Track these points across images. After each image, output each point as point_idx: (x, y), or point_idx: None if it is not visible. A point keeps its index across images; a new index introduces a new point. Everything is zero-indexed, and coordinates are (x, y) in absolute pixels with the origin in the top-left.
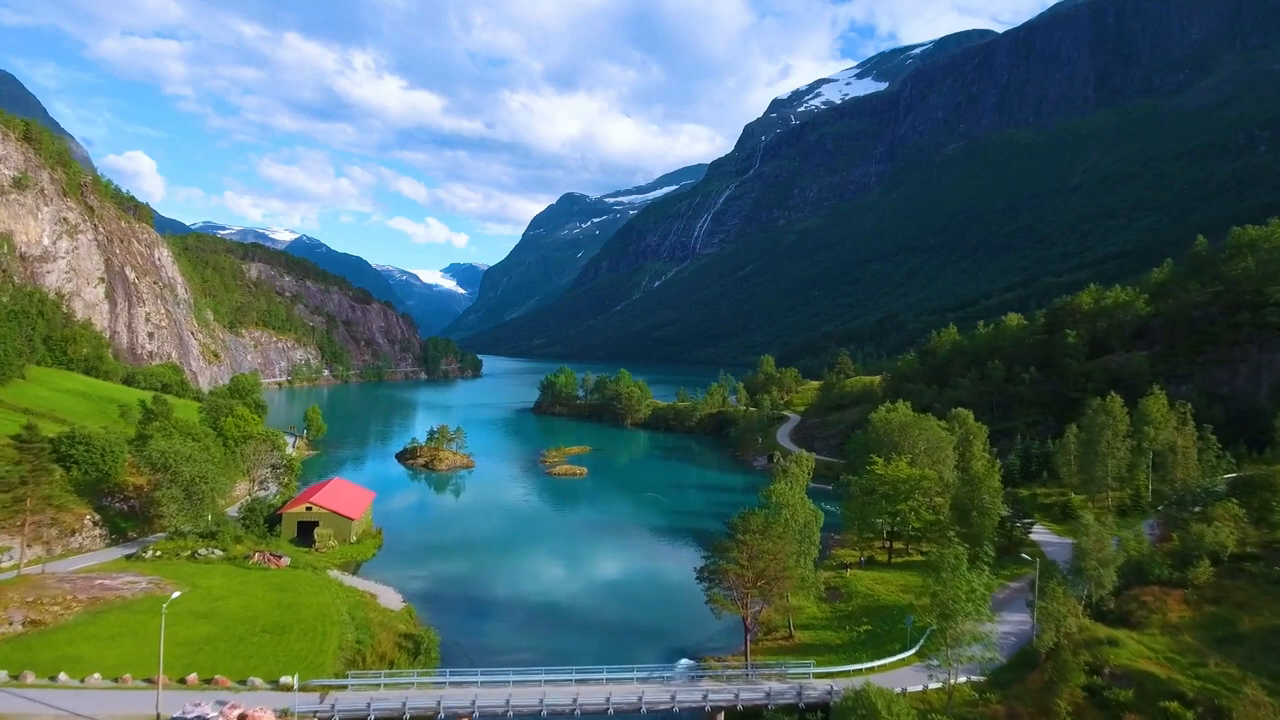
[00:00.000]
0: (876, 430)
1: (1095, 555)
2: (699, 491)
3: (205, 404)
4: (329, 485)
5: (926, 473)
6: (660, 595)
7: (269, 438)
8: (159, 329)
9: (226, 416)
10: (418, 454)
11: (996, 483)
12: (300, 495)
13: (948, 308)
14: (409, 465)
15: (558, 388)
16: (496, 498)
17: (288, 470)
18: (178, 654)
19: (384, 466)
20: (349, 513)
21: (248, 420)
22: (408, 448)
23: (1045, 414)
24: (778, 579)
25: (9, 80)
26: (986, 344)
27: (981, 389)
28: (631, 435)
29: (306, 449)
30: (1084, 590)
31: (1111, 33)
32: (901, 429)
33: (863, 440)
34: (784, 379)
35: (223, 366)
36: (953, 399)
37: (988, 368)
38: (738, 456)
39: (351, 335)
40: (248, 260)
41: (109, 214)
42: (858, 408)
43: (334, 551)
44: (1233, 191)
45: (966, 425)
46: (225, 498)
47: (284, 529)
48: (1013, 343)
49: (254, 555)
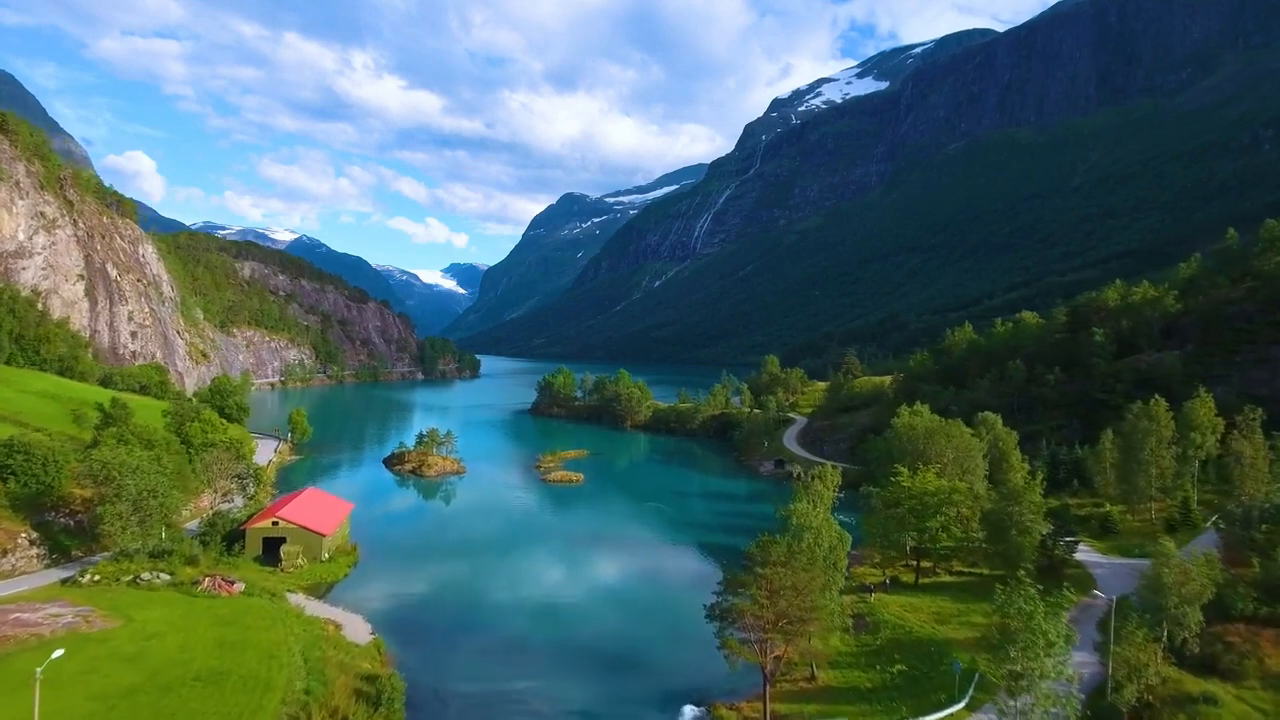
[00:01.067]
0: (899, 436)
1: (1179, 590)
2: (703, 500)
3: (171, 408)
4: (300, 496)
5: (957, 485)
6: (663, 624)
7: (232, 445)
8: (142, 328)
9: (193, 421)
10: (405, 459)
11: (1038, 497)
12: (269, 508)
13: (950, 307)
14: (396, 471)
15: (556, 389)
16: (486, 507)
17: (255, 480)
18: (88, 713)
19: (369, 473)
20: (320, 528)
21: (215, 426)
22: (395, 453)
23: (1070, 417)
24: (803, 619)
25: (8, 80)
26: (1005, 343)
27: (1001, 390)
28: (631, 438)
29: (290, 453)
30: (1161, 630)
31: (1113, 32)
32: (927, 436)
33: (884, 447)
34: (789, 380)
35: (212, 367)
36: (971, 401)
37: (1008, 368)
38: (742, 461)
39: (347, 335)
40: (241, 259)
41: (90, 209)
42: (868, 410)
43: (301, 572)
44: (1235, 191)
45: (995, 431)
46: (182, 512)
47: (247, 546)
48: (1033, 342)
49: (202, 581)
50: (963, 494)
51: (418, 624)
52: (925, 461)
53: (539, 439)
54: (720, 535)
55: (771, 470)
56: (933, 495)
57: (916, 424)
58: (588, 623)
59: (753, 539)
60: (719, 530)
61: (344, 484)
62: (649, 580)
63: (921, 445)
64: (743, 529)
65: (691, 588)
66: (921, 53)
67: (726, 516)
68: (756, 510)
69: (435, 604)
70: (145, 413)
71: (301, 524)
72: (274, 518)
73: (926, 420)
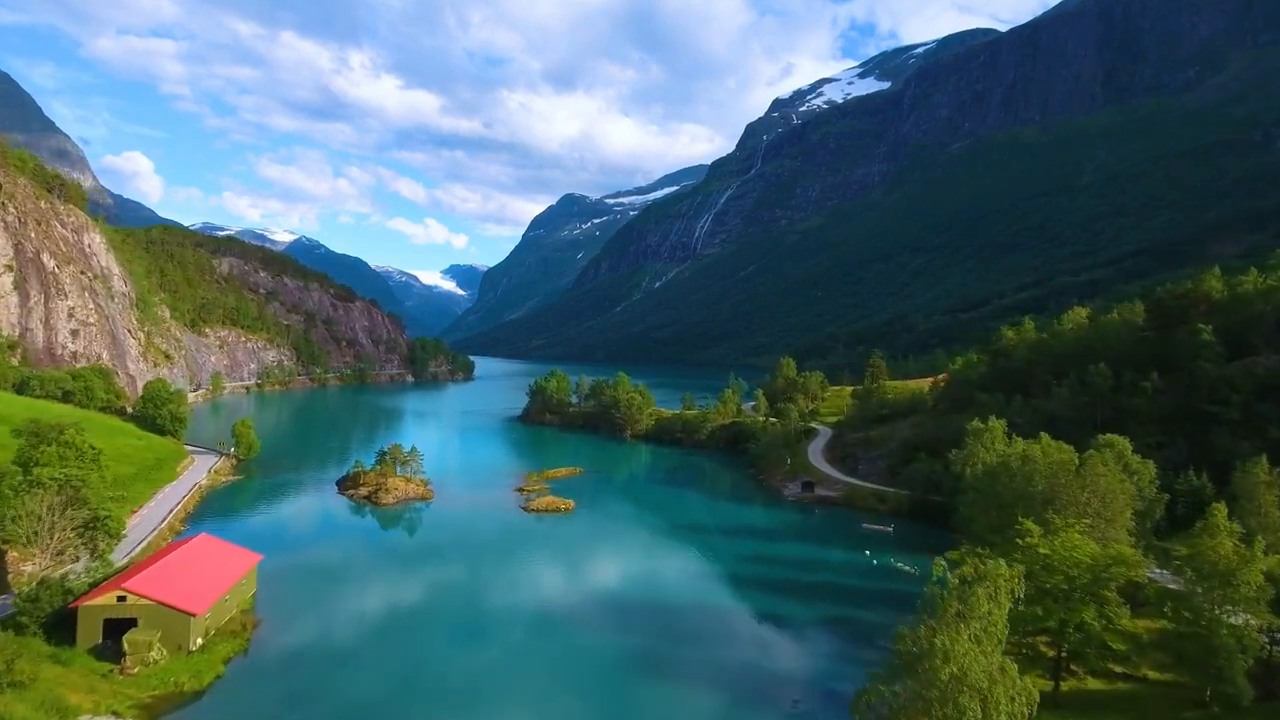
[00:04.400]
0: (1009, 474)
1: None
2: (723, 538)
3: (26, 427)
4: (178, 552)
5: (1123, 553)
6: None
7: (65, 485)
8: (85, 326)
9: (51, 444)
10: (360, 482)
11: (1258, 577)
12: (121, 574)
13: (959, 308)
14: (350, 496)
15: (548, 394)
16: (448, 552)
17: (105, 532)
18: None
19: (316, 499)
20: (188, 602)
21: (78, 453)
22: (350, 473)
23: (1171, 434)
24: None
25: (3, 79)
26: (1079, 343)
27: (1081, 400)
28: (632, 450)
29: (230, 472)
30: None
31: (1118, 30)
32: (1051, 475)
33: (986, 489)
34: (808, 384)
35: (176, 369)
36: (1046, 413)
37: (1090, 373)
38: (761, 480)
39: (332, 335)
40: (219, 255)
41: (23, 191)
42: (906, 420)
43: (151, 672)
44: (1247, 189)
45: (1125, 460)
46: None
47: (80, 632)
48: (1118, 341)
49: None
50: (1131, 566)
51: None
52: (1058, 510)
53: (527, 452)
54: (755, 597)
55: (799, 494)
56: (1087, 569)
57: (1035, 456)
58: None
59: (799, 603)
60: (753, 588)
61: (282, 514)
62: (656, 676)
63: (1043, 487)
64: (782, 586)
65: (727, 684)
66: (924, 52)
67: (759, 566)
68: (792, 554)
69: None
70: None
71: (159, 599)
72: (120, 590)
73: (1057, 453)
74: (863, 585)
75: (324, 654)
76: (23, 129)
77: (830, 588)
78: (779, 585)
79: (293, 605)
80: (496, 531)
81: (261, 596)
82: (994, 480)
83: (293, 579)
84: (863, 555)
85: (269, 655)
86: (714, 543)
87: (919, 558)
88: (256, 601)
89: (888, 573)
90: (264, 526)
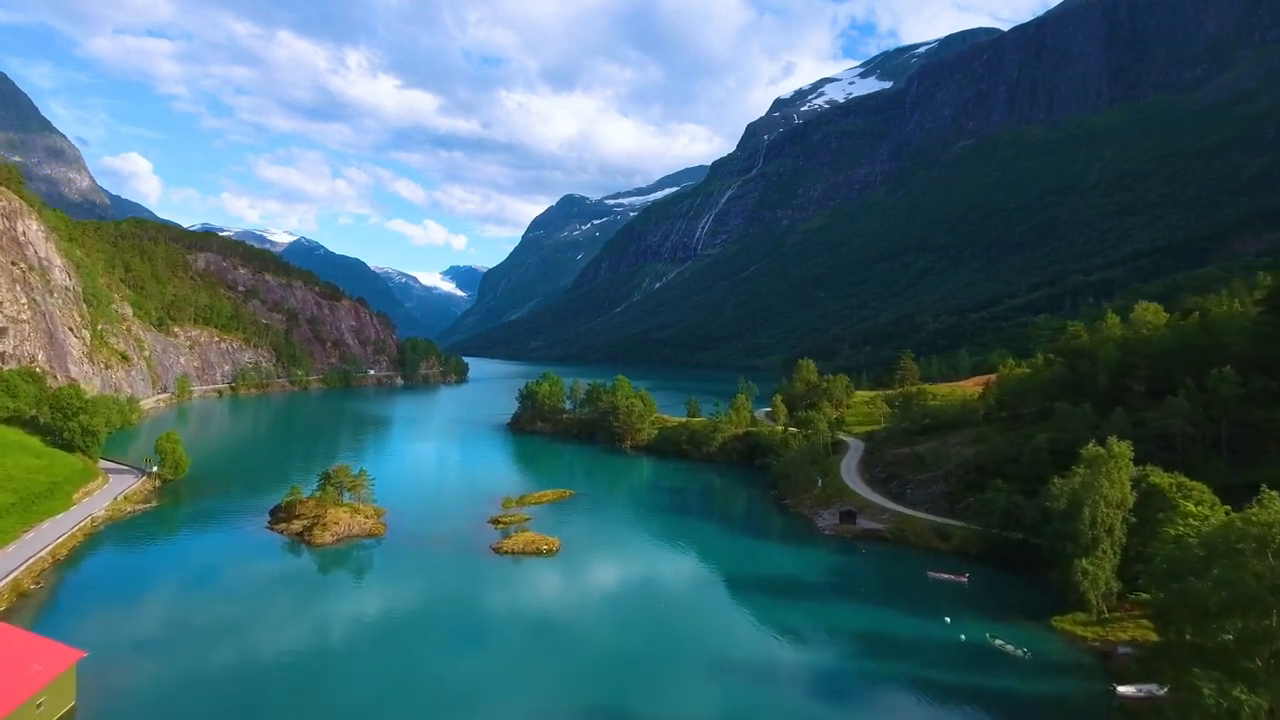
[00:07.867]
0: (1234, 562)
1: None
2: (749, 593)
3: None
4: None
5: None
6: None
7: None
8: (15, 323)
9: None
10: (295, 513)
11: None
12: None
13: (969, 308)
14: (281, 531)
15: (540, 399)
16: (387, 623)
17: None
18: None
19: (239, 536)
20: None
21: None
22: (284, 502)
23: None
24: None
25: (0, 79)
26: (1186, 341)
27: (1199, 413)
28: (631, 464)
29: (144, 499)
30: None
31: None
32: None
33: (1203, 594)
34: (833, 390)
35: (135, 371)
36: (1157, 430)
37: (1212, 378)
38: (786, 505)
39: (316, 335)
40: (195, 250)
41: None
42: (959, 434)
43: None
44: (1261, 186)
45: None
46: None
47: None
48: (1239, 339)
49: None
50: None
51: None
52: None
53: (511, 467)
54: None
55: (836, 525)
56: None
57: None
58: None
59: None
60: (800, 683)
61: (184, 561)
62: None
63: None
64: (834, 681)
65: None
66: (926, 52)
67: (800, 644)
68: (844, 619)
69: None
70: None
71: None
72: None
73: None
74: (950, 678)
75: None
76: (19, 128)
77: (904, 681)
78: (830, 678)
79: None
80: (456, 587)
81: (91, 711)
82: (1198, 569)
83: (151, 681)
84: (941, 621)
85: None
86: (739, 601)
87: (1010, 627)
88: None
89: (981, 652)
90: (142, 583)
